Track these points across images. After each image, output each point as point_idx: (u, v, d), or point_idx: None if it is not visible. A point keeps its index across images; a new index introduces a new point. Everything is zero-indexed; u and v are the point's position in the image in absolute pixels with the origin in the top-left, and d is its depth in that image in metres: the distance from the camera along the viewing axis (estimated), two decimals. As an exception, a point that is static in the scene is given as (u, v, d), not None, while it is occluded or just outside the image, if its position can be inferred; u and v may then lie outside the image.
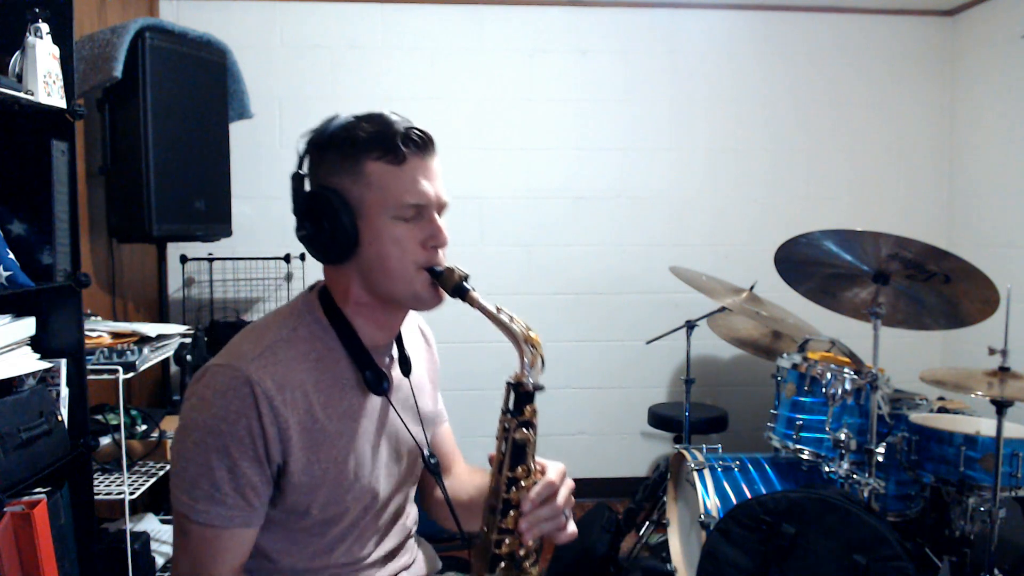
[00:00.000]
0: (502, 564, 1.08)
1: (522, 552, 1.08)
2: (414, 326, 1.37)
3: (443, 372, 1.43)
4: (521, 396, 1.06)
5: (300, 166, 1.14)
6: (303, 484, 1.09)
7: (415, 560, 1.32)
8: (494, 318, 1.07)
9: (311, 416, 1.09)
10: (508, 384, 1.07)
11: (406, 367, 1.25)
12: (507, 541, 1.07)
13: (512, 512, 1.07)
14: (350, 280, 1.14)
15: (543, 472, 1.10)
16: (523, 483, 1.07)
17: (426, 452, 1.25)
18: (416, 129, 1.10)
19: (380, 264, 1.09)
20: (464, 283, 1.09)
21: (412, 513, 1.33)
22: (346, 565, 1.18)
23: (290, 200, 1.15)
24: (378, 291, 1.13)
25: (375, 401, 1.18)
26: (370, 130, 1.09)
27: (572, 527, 1.11)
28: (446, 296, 1.12)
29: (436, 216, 1.11)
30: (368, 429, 1.17)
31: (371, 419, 1.18)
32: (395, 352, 1.25)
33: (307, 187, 1.13)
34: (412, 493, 1.33)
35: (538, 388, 1.07)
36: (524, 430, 1.07)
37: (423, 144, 1.11)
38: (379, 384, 1.16)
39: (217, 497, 1.05)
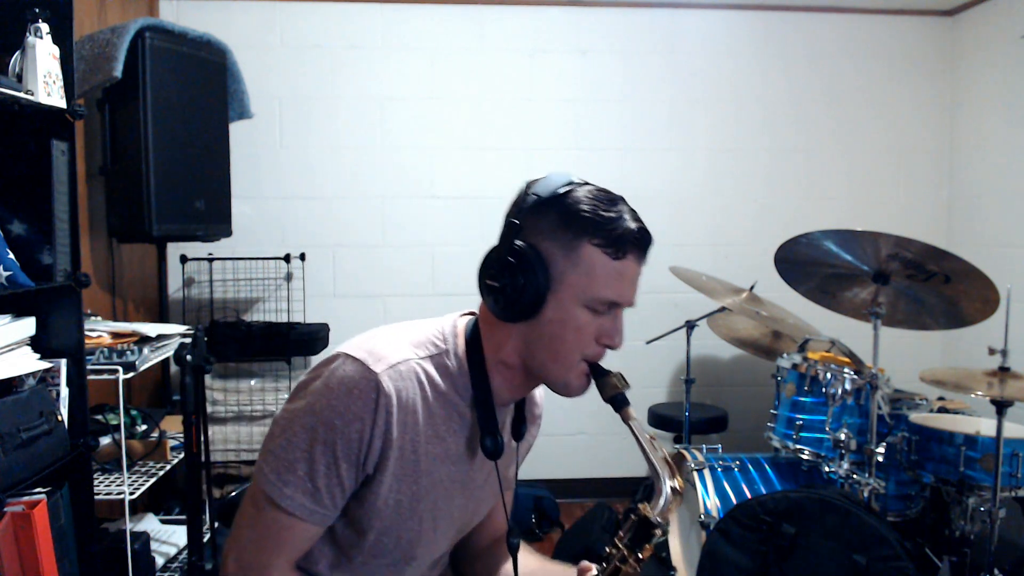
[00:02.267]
0: None
1: None
2: (536, 398, 1.33)
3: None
4: (643, 533, 1.04)
5: (517, 215, 1.08)
6: (376, 506, 1.08)
7: None
8: (644, 450, 1.06)
9: (412, 446, 1.07)
10: (634, 516, 1.05)
11: (519, 432, 1.22)
12: None
13: None
14: (509, 339, 1.10)
15: None
16: None
17: (510, 529, 1.20)
18: (646, 231, 1.08)
19: (551, 342, 1.07)
20: (623, 395, 1.09)
21: (442, 565, 1.31)
22: None
23: (497, 240, 1.11)
24: (532, 362, 1.10)
25: (476, 458, 1.16)
26: (604, 215, 1.04)
27: None
28: (589, 389, 1.11)
29: (621, 316, 1.10)
30: (452, 479, 1.14)
31: (459, 471, 1.15)
32: (511, 411, 1.22)
33: (516, 239, 1.07)
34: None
35: (663, 529, 1.04)
36: (635, 566, 1.04)
37: (645, 250, 1.09)
38: (495, 452, 1.12)
39: (309, 488, 1.04)
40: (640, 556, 1.03)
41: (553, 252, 1.04)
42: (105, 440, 2.16)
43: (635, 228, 1.05)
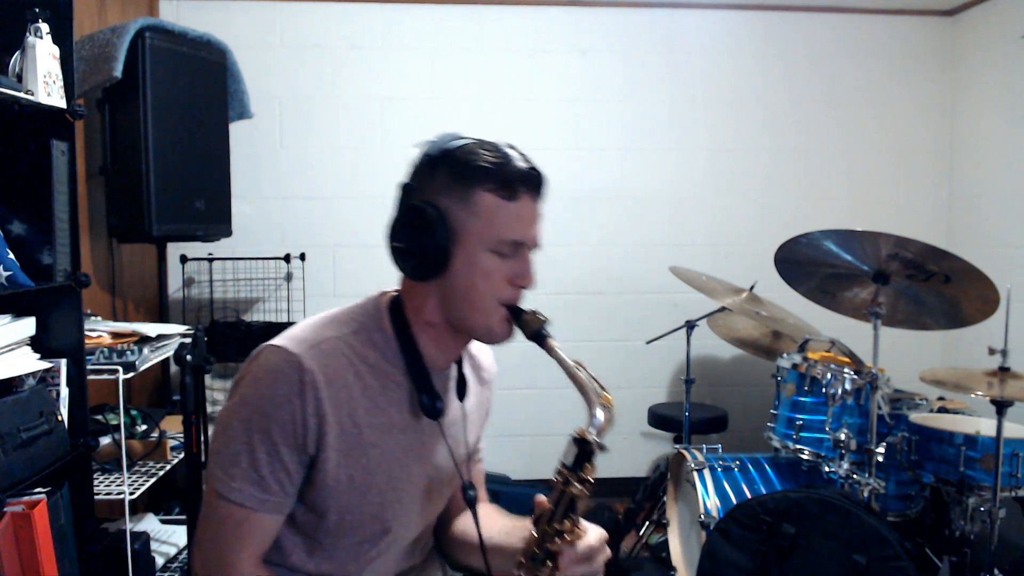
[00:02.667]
0: None
1: None
2: (484, 360, 1.35)
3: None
4: (584, 453, 1.07)
5: (411, 178, 1.13)
6: (327, 485, 1.09)
7: (429, 568, 1.31)
8: (570, 373, 1.08)
9: (352, 419, 1.09)
10: (572, 439, 1.07)
11: (462, 391, 1.24)
12: None
13: (549, 563, 1.07)
14: (427, 299, 1.13)
15: (583, 531, 1.09)
16: (567, 537, 1.07)
17: (465, 480, 1.22)
18: (535, 169, 1.10)
19: (465, 292, 1.09)
20: (543, 330, 1.10)
21: (429, 543, 1.32)
22: (355, 573, 1.17)
23: (393, 207, 1.14)
24: (453, 316, 1.12)
25: (419, 423, 1.17)
26: (490, 160, 1.08)
27: None
28: (514, 333, 1.13)
29: (529, 256, 1.12)
30: (403, 447, 1.15)
31: (410, 438, 1.16)
32: (453, 374, 1.23)
33: (412, 200, 1.11)
34: (433, 523, 1.31)
35: (602, 447, 1.07)
36: (580, 486, 1.06)
37: (537, 186, 1.11)
38: (433, 409, 1.14)
39: (254, 478, 1.06)
40: (583, 476, 1.06)
41: (450, 205, 1.08)
42: (105, 440, 2.16)
43: (524, 167, 1.08)
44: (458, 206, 1.07)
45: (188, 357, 1.66)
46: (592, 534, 1.10)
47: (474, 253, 1.08)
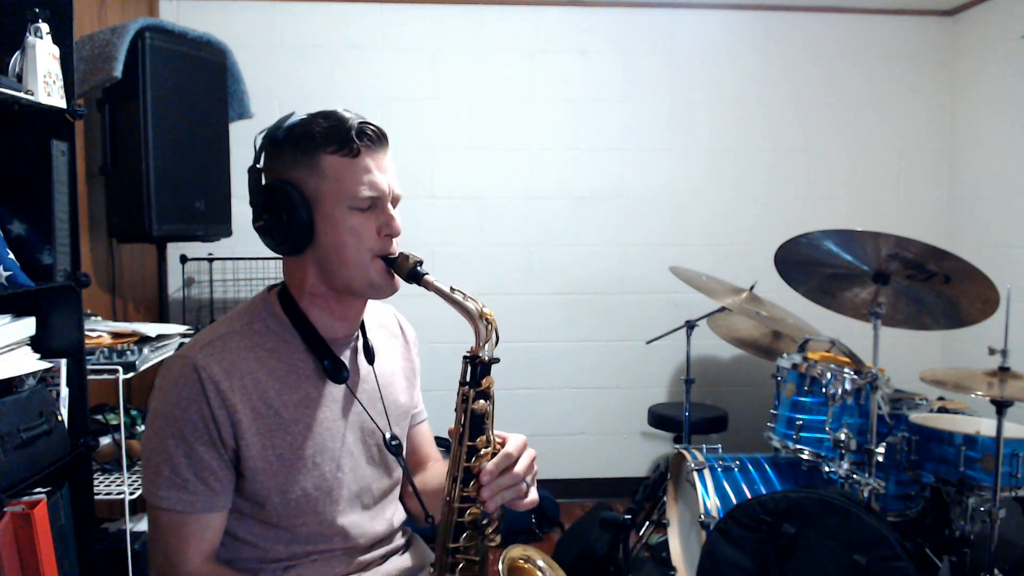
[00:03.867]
0: (466, 533, 1.12)
1: (484, 521, 1.12)
2: (391, 322, 1.39)
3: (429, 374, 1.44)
4: (477, 368, 1.11)
5: (257, 161, 1.17)
6: (260, 469, 1.12)
7: (406, 549, 1.33)
8: (448, 298, 1.11)
9: (264, 403, 1.13)
10: (464, 358, 1.12)
11: (369, 356, 1.27)
12: (470, 510, 1.11)
13: (473, 482, 1.11)
14: (306, 271, 1.16)
15: (503, 444, 1.13)
16: (483, 452, 1.11)
17: (387, 435, 1.25)
18: (369, 124, 1.14)
19: (336, 253, 1.13)
20: (418, 268, 1.13)
21: (399, 513, 1.34)
22: (324, 551, 1.19)
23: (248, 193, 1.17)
24: (334, 281, 1.16)
25: (337, 391, 1.21)
26: (325, 125, 1.12)
27: (533, 494, 1.15)
28: (401, 284, 1.16)
29: (389, 206, 1.15)
30: (329, 418, 1.19)
31: (333, 408, 1.19)
32: (360, 343, 1.27)
33: (264, 181, 1.16)
34: (395, 493, 1.34)
35: (494, 360, 1.12)
36: (481, 401, 1.11)
37: (376, 139, 1.14)
38: (338, 373, 1.18)
39: (178, 482, 1.09)
40: (482, 390, 1.11)
41: (300, 177, 1.12)
42: (105, 440, 2.16)
43: (357, 124, 1.12)
44: (307, 174, 1.12)
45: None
46: (510, 442, 1.13)
47: (334, 214, 1.11)
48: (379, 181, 1.13)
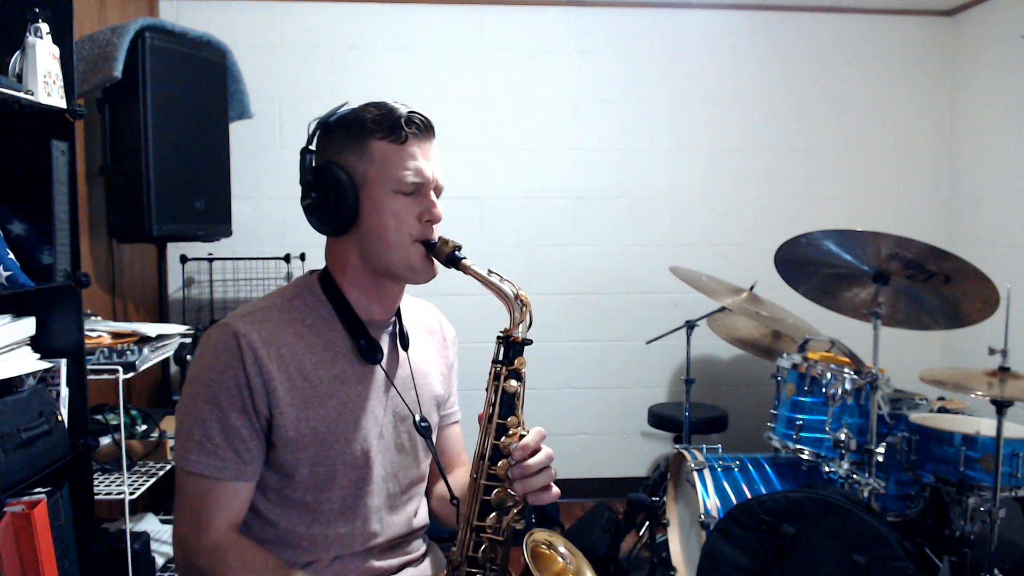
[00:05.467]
0: (491, 513, 1.12)
1: (510, 502, 1.12)
2: (431, 319, 1.41)
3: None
4: (511, 347, 1.14)
5: (309, 143, 1.21)
6: (292, 441, 1.14)
7: (423, 559, 1.33)
8: (485, 281, 1.15)
9: (301, 374, 1.15)
10: (498, 337, 1.15)
11: (404, 342, 1.29)
12: (496, 489, 1.12)
13: (501, 461, 1.12)
14: (349, 252, 1.20)
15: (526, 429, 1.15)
16: (511, 432, 1.12)
17: (417, 416, 1.26)
18: (417, 113, 1.18)
19: (378, 235, 1.16)
20: (456, 252, 1.16)
21: (421, 511, 1.34)
22: (344, 538, 1.20)
23: (298, 175, 1.21)
24: (375, 262, 1.19)
25: (373, 373, 1.23)
26: (376, 113, 1.16)
27: (555, 489, 1.15)
28: (439, 269, 1.19)
29: (432, 194, 1.19)
30: (363, 397, 1.21)
31: (367, 388, 1.21)
32: (396, 329, 1.29)
33: (314, 163, 1.20)
34: (420, 487, 1.34)
35: (527, 341, 1.15)
36: (513, 381, 1.13)
37: (423, 128, 1.18)
38: (373, 353, 1.21)
39: (208, 447, 1.11)
40: (514, 368, 1.13)
41: (348, 160, 1.17)
42: (105, 440, 2.16)
43: (406, 113, 1.17)
44: (356, 158, 1.16)
45: (188, 357, 1.66)
46: (534, 430, 1.15)
47: (379, 197, 1.15)
48: (424, 168, 1.16)
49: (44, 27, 1.70)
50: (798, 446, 2.47)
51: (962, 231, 3.68)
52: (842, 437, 2.33)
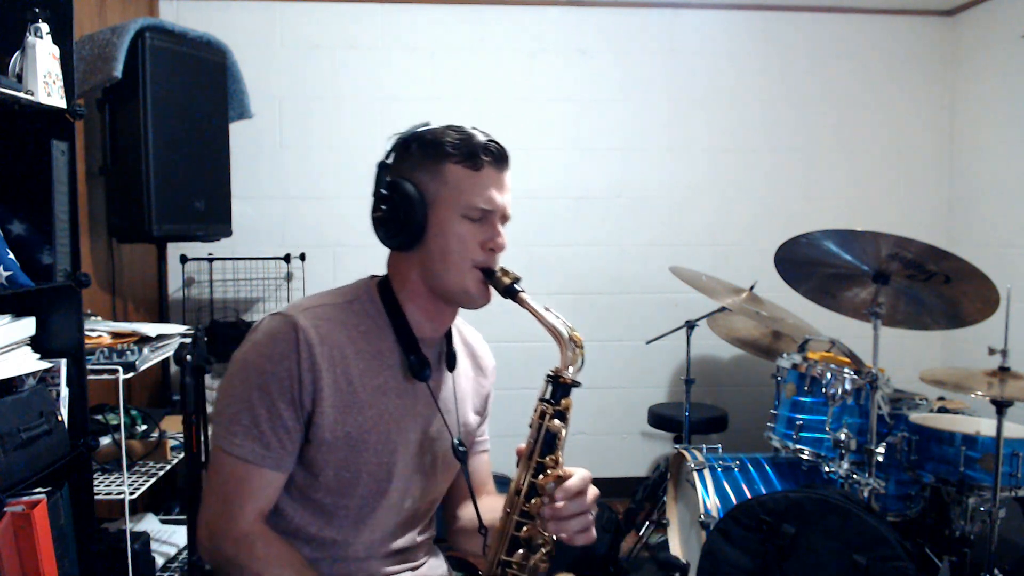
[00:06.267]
0: (520, 550, 1.13)
1: (539, 540, 1.12)
2: (477, 346, 1.42)
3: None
4: (559, 388, 1.14)
5: (387, 157, 1.23)
6: (325, 441, 1.15)
7: (425, 564, 1.33)
8: (541, 318, 1.16)
9: (346, 378, 1.16)
10: (548, 376, 1.15)
11: (451, 364, 1.29)
12: (527, 526, 1.12)
13: (535, 499, 1.12)
14: (410, 268, 1.22)
15: (566, 471, 1.13)
16: (550, 472, 1.12)
17: (455, 439, 1.27)
18: (495, 142, 1.21)
19: (441, 256, 1.18)
20: (515, 285, 1.18)
21: (432, 526, 1.35)
22: (351, 544, 1.20)
23: (373, 186, 1.24)
24: (433, 282, 1.20)
25: (414, 389, 1.23)
26: (455, 137, 1.19)
27: (593, 532, 1.14)
28: (492, 296, 1.20)
29: (498, 223, 1.22)
30: (400, 411, 1.21)
31: (406, 403, 1.22)
32: (443, 349, 1.29)
33: (388, 177, 1.22)
34: (438, 499, 1.35)
35: (575, 383, 1.15)
36: (558, 420, 1.13)
37: (499, 157, 1.22)
38: (421, 370, 1.21)
39: (255, 433, 1.13)
40: (560, 409, 1.13)
41: (422, 179, 1.18)
42: (105, 440, 2.16)
43: (484, 140, 1.20)
44: (429, 178, 1.18)
45: (188, 357, 1.65)
46: (579, 473, 1.13)
47: (447, 219, 1.17)
48: (495, 196, 1.19)
49: (44, 27, 1.70)
50: (798, 446, 2.47)
51: (962, 231, 3.68)
52: (842, 437, 2.33)
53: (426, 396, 1.24)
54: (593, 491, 1.13)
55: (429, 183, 1.18)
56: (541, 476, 1.12)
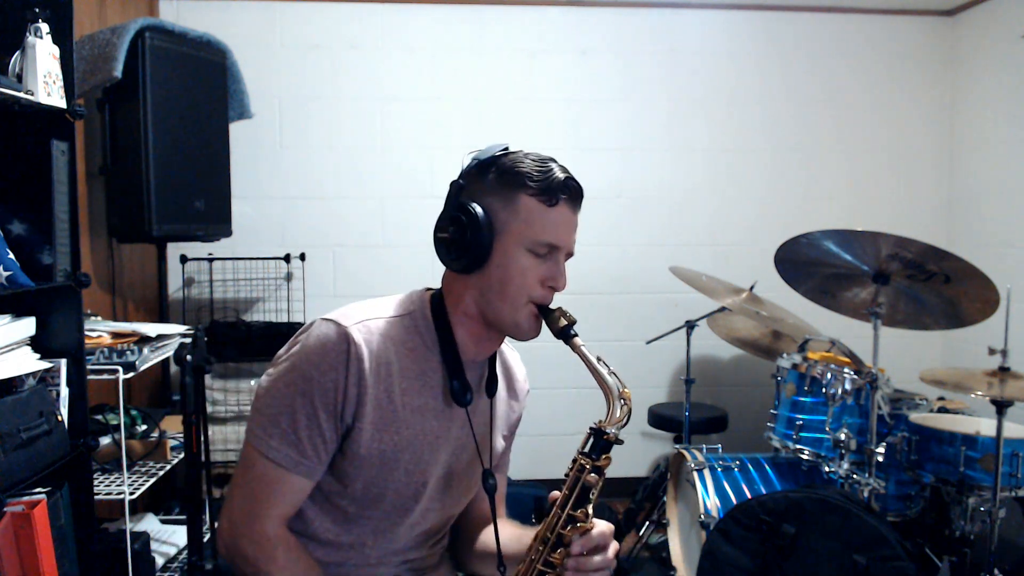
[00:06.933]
0: None
1: None
2: (515, 368, 1.41)
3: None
4: (601, 443, 1.13)
5: (461, 177, 1.20)
6: (360, 456, 1.15)
7: (433, 571, 1.33)
8: (592, 368, 1.15)
9: (388, 395, 1.16)
10: (591, 429, 1.14)
11: (492, 388, 1.29)
12: (547, 575, 1.12)
13: (561, 549, 1.11)
14: (466, 291, 1.20)
15: (593, 524, 1.13)
16: (579, 524, 1.11)
17: (486, 467, 1.26)
18: (573, 180, 1.18)
19: (500, 285, 1.16)
20: (570, 328, 1.17)
21: (447, 536, 1.36)
22: (367, 552, 1.21)
23: (443, 204, 1.20)
24: (487, 309, 1.19)
25: (451, 412, 1.22)
26: (536, 169, 1.16)
27: None
28: (541, 331, 1.19)
29: (563, 261, 1.19)
30: (436, 434, 1.21)
31: (442, 426, 1.22)
32: (484, 373, 1.29)
33: (460, 198, 1.18)
34: (453, 518, 1.35)
35: (618, 441, 1.14)
36: (594, 475, 1.12)
37: (575, 195, 1.19)
38: (463, 395, 1.21)
39: (292, 439, 1.13)
40: (599, 465, 1.13)
41: (494, 205, 1.16)
42: (105, 440, 2.15)
43: (563, 178, 1.17)
44: (501, 206, 1.15)
45: (188, 357, 1.65)
46: (600, 525, 1.13)
47: (512, 250, 1.15)
48: (564, 236, 1.17)
49: (44, 27, 1.70)
50: (798, 446, 2.47)
51: (962, 231, 3.68)
52: (842, 437, 2.33)
53: (463, 421, 1.24)
54: (614, 546, 1.14)
55: (500, 211, 1.15)
56: (569, 527, 1.11)
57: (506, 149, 1.19)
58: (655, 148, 3.64)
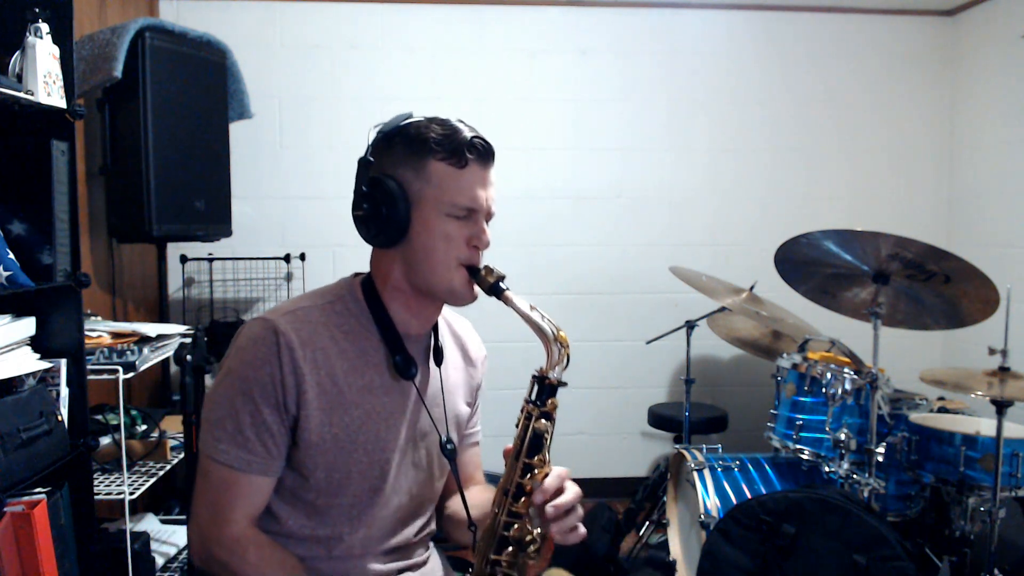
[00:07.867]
0: (509, 548, 1.13)
1: (528, 539, 1.13)
2: (466, 336, 1.41)
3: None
4: (545, 388, 1.15)
5: (368, 153, 1.19)
6: (314, 443, 1.15)
7: (425, 563, 1.33)
8: (526, 317, 1.15)
9: (331, 379, 1.16)
10: (533, 376, 1.16)
11: (438, 358, 1.29)
12: (516, 525, 1.13)
13: (524, 498, 1.13)
14: (393, 265, 1.20)
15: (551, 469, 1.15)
16: (537, 472, 1.13)
17: (443, 437, 1.27)
18: (480, 138, 1.18)
19: (425, 254, 1.16)
20: (500, 283, 1.16)
21: (430, 524, 1.35)
22: (347, 542, 1.20)
23: (354, 182, 1.20)
24: (418, 280, 1.19)
25: (401, 386, 1.23)
26: (440, 132, 1.16)
27: (582, 529, 1.15)
28: (478, 294, 1.19)
29: (483, 220, 1.19)
30: (388, 409, 1.21)
31: (393, 401, 1.21)
32: (430, 344, 1.29)
33: (370, 173, 1.18)
34: (434, 497, 1.35)
35: (561, 384, 1.15)
36: (544, 420, 1.14)
37: (484, 153, 1.18)
38: (407, 369, 1.21)
39: (239, 440, 1.13)
40: (546, 410, 1.14)
41: (405, 176, 1.16)
42: (105, 440, 2.16)
43: (469, 137, 1.16)
44: (413, 176, 1.15)
45: (188, 357, 1.65)
46: (556, 469, 1.15)
47: (431, 218, 1.15)
48: (480, 194, 1.17)
49: (44, 27, 1.70)
50: (798, 446, 2.47)
51: (962, 231, 3.68)
52: (842, 437, 2.33)
53: (414, 393, 1.24)
54: (573, 489, 1.14)
55: (412, 180, 1.15)
56: (528, 476, 1.13)
57: (409, 116, 1.19)
58: (655, 148, 3.64)
